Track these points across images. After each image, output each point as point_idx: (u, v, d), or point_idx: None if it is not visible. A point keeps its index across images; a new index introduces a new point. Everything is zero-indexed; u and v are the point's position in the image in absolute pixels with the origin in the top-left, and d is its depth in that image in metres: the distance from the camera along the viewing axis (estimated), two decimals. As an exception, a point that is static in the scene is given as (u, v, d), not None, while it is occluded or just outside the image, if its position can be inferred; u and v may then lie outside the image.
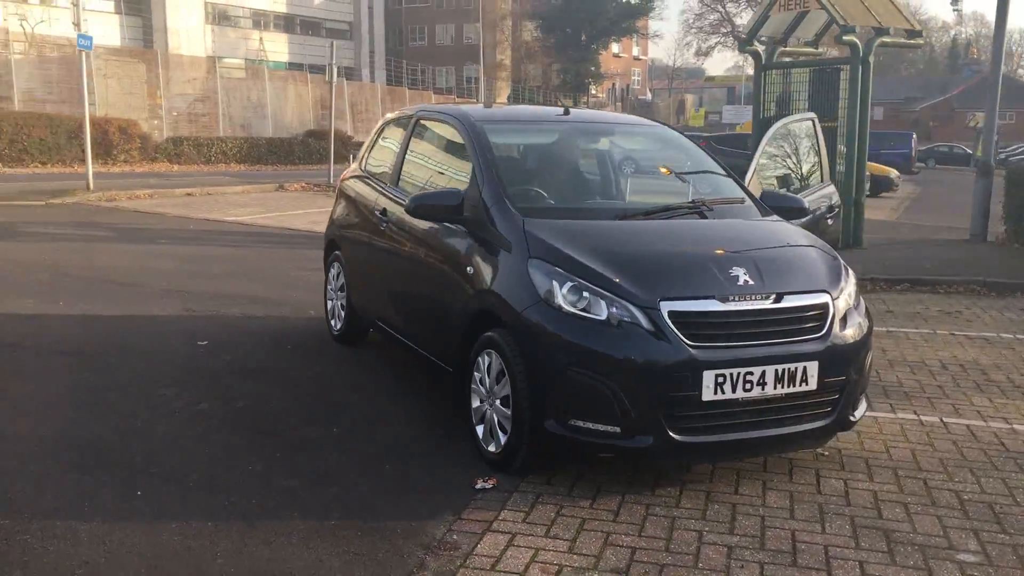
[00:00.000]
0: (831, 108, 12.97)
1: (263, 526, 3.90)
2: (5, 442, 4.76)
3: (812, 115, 6.79)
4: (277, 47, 62.74)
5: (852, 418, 4.65)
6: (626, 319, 4.18)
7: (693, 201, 5.25)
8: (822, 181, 6.70)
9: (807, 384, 4.35)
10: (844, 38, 12.36)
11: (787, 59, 14.08)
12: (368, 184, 6.50)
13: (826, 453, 4.95)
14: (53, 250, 11.22)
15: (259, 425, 5.16)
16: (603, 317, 4.20)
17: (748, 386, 4.22)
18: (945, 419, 5.63)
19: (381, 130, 6.80)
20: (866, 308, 4.89)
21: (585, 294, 4.26)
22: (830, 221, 6.55)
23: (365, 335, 6.83)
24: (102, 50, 30.63)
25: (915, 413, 5.73)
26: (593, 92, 79.18)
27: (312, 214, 15.97)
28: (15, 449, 4.67)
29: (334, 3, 67.20)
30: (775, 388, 4.28)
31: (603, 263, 4.37)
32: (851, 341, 4.56)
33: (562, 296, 4.28)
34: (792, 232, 5.11)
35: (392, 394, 5.83)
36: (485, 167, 5.07)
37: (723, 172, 5.65)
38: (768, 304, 4.37)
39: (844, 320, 4.57)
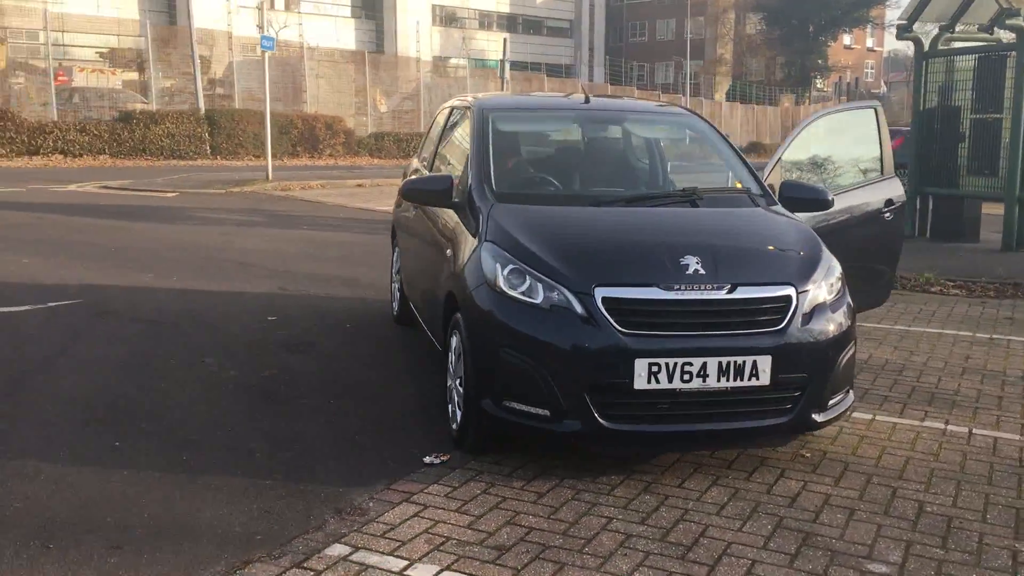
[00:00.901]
0: (997, 98, 12.00)
1: (202, 481, 4.21)
2: (38, 394, 5.36)
3: (875, 104, 6.36)
4: (499, 46, 64.64)
5: (817, 419, 4.41)
6: (561, 304, 4.19)
7: (683, 190, 5.14)
8: (882, 174, 6.28)
9: (758, 379, 4.19)
10: (1008, 22, 11.39)
11: (955, 45, 13.11)
12: (417, 173, 6.75)
13: (807, 455, 4.72)
14: (202, 232, 12.26)
15: (271, 393, 5.51)
16: (538, 301, 4.23)
17: (687, 377, 4.12)
18: (976, 430, 5.20)
19: (432, 121, 7.04)
20: (849, 306, 4.62)
21: (527, 278, 4.30)
22: (887, 215, 6.13)
23: (419, 316, 7.09)
24: (316, 52, 32.85)
25: (945, 422, 5.32)
26: (819, 86, 76.27)
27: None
28: (43, 401, 5.25)
29: (556, 2, 68.26)
30: (718, 381, 4.15)
31: (550, 248, 4.39)
32: (817, 338, 4.34)
33: (503, 278, 4.34)
34: (777, 223, 4.91)
35: (414, 374, 6.04)
36: (475, 153, 5.19)
37: (741, 161, 5.47)
38: (719, 295, 4.24)
39: (810, 315, 4.35)
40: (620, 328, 4.11)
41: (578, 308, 4.15)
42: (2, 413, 5.03)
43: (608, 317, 4.12)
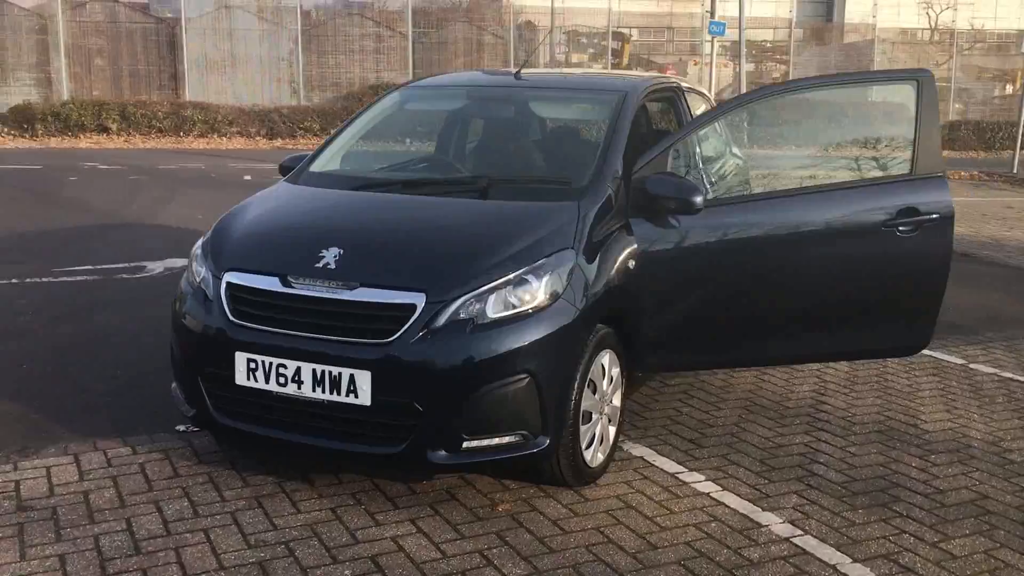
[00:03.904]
0: None
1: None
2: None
3: (922, 75, 4.26)
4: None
5: (435, 459, 3.61)
6: (203, 286, 4.07)
7: (475, 177, 4.58)
8: (911, 173, 4.28)
9: (357, 396, 3.61)
10: None
11: None
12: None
13: (509, 505, 3.82)
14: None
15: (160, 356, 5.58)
16: (196, 281, 4.15)
17: (282, 380, 3.73)
18: (799, 528, 3.65)
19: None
20: (554, 331, 3.67)
21: (206, 257, 4.22)
22: (902, 230, 4.21)
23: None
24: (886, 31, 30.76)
25: (788, 511, 3.80)
26: None
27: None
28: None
29: None
30: (314, 391, 3.68)
31: (228, 229, 4.29)
32: (446, 361, 3.57)
33: (194, 257, 4.32)
34: (509, 218, 4.11)
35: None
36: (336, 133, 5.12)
37: (604, 151, 4.44)
38: (336, 294, 3.73)
39: (442, 331, 3.57)
40: (232, 318, 3.86)
41: (211, 292, 4.00)
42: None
43: (225, 304, 3.90)
